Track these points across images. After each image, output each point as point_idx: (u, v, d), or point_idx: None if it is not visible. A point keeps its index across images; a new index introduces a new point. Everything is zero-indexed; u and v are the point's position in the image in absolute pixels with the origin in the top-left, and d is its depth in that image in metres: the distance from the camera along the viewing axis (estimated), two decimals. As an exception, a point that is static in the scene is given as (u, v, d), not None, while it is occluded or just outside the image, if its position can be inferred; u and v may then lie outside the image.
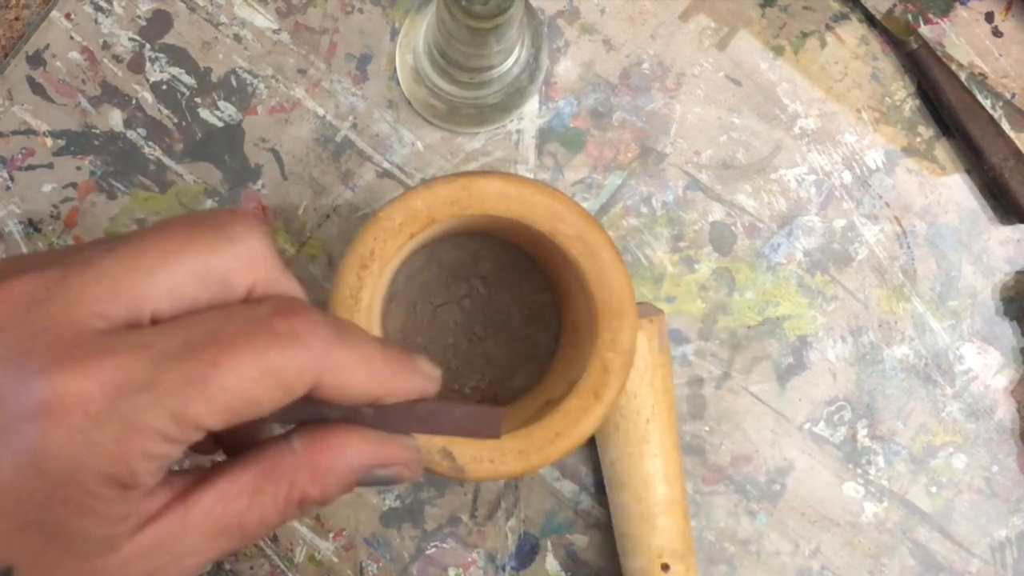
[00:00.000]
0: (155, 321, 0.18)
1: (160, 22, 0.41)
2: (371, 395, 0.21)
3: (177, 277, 0.18)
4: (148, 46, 0.41)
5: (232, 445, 0.23)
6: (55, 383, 0.17)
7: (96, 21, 0.40)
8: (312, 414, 0.21)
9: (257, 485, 0.20)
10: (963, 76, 0.42)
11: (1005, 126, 0.42)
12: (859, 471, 0.41)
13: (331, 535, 0.40)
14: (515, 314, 0.35)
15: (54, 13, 0.40)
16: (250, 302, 0.20)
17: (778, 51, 0.42)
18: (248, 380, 0.18)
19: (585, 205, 0.41)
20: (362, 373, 0.20)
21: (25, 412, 0.17)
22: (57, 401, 0.17)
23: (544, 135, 0.41)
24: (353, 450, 0.21)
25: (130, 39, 0.41)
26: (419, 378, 0.22)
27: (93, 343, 0.17)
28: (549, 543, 0.40)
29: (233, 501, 0.19)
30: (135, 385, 0.17)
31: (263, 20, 0.41)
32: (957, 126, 0.41)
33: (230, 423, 0.18)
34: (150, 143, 0.41)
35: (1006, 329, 0.42)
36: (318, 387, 0.19)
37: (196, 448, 0.23)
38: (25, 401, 0.17)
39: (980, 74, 0.42)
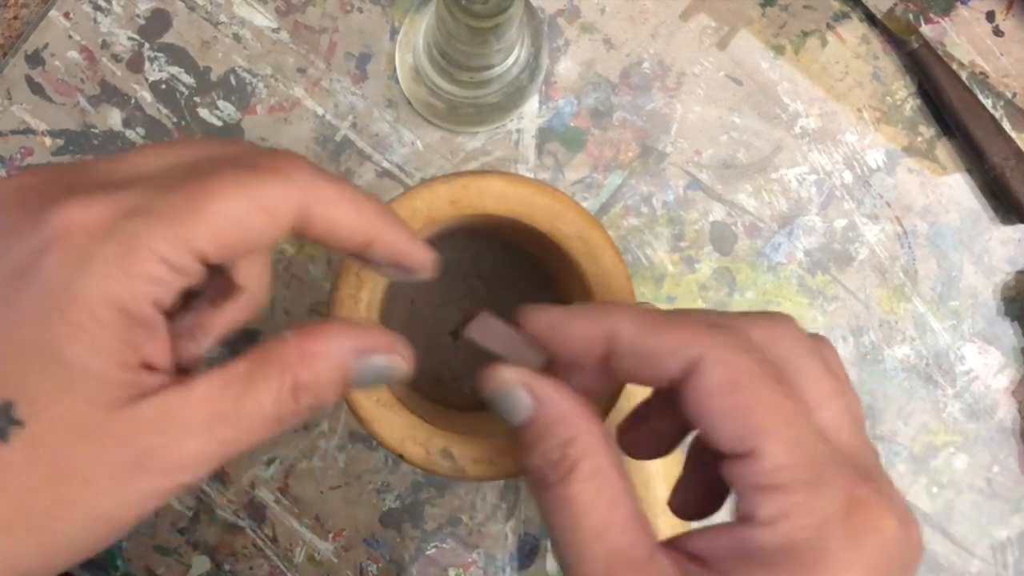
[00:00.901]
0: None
1: (159, 21, 0.41)
2: (360, 235, 0.22)
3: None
4: (147, 45, 0.41)
5: None
6: (60, 213, 0.18)
7: (95, 20, 0.40)
8: None
9: (250, 370, 0.20)
10: (964, 75, 0.42)
11: (1006, 125, 0.42)
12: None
13: (331, 535, 0.40)
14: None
15: (53, 12, 0.40)
16: (237, 146, 0.22)
17: (779, 50, 0.42)
18: (236, 207, 0.19)
19: (585, 205, 0.41)
20: (349, 209, 0.21)
21: (37, 246, 0.18)
22: (61, 227, 0.18)
23: (544, 134, 0.41)
24: (340, 334, 0.21)
25: (129, 38, 0.40)
26: (404, 233, 0.23)
27: (96, 185, 0.19)
28: (549, 543, 0.40)
29: (229, 386, 0.20)
30: (133, 210, 0.18)
31: (262, 19, 0.41)
32: (958, 126, 0.41)
33: (225, 251, 0.19)
34: (149, 143, 0.40)
35: (1007, 329, 0.42)
36: (307, 221, 0.21)
37: None
38: (37, 236, 0.18)
39: (981, 73, 0.42)
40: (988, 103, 0.42)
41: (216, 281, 0.23)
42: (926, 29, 0.42)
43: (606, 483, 0.21)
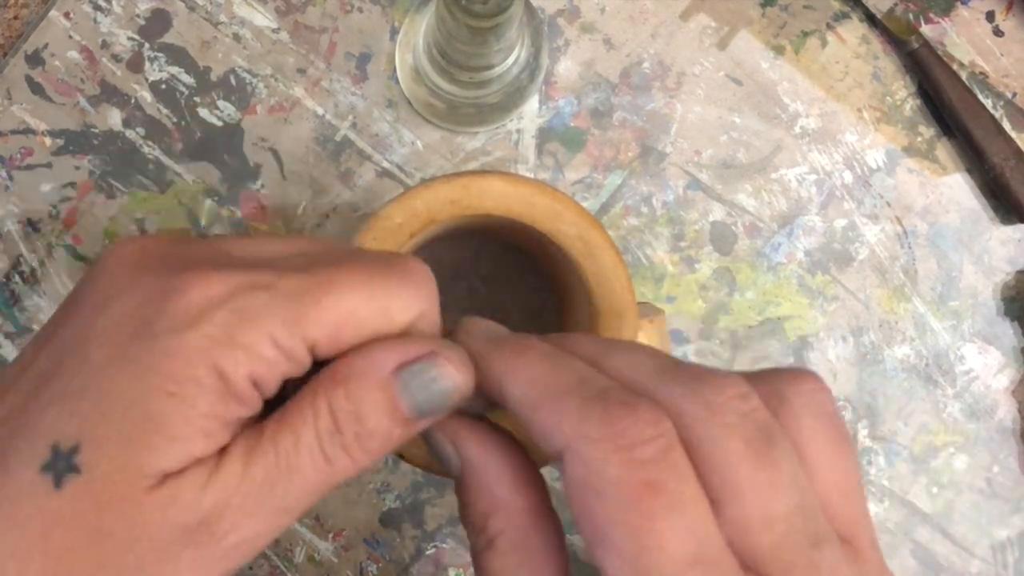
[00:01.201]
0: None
1: (159, 21, 0.41)
2: None
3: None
4: (147, 45, 0.41)
5: None
6: (183, 280, 0.18)
7: (95, 20, 0.40)
8: None
9: (287, 415, 0.19)
10: (964, 75, 0.42)
11: (1006, 126, 0.42)
12: (860, 471, 0.41)
13: (331, 535, 0.40)
14: (515, 314, 0.35)
15: (53, 12, 0.40)
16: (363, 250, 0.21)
17: (779, 50, 0.42)
18: (358, 299, 0.19)
19: (585, 205, 0.41)
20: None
21: (158, 307, 0.18)
22: (182, 291, 0.18)
23: (544, 134, 0.41)
24: (374, 348, 0.19)
25: (129, 38, 0.40)
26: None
27: (222, 262, 0.19)
28: None
29: (277, 437, 0.19)
30: (256, 284, 0.18)
31: (262, 19, 0.41)
32: (958, 126, 0.41)
33: (332, 343, 0.19)
34: (149, 143, 0.40)
35: (1007, 329, 0.42)
36: (409, 332, 0.20)
37: None
38: (159, 298, 0.18)
39: (981, 73, 0.42)
40: (988, 103, 0.42)
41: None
42: (926, 29, 0.42)
43: (528, 559, 0.19)
